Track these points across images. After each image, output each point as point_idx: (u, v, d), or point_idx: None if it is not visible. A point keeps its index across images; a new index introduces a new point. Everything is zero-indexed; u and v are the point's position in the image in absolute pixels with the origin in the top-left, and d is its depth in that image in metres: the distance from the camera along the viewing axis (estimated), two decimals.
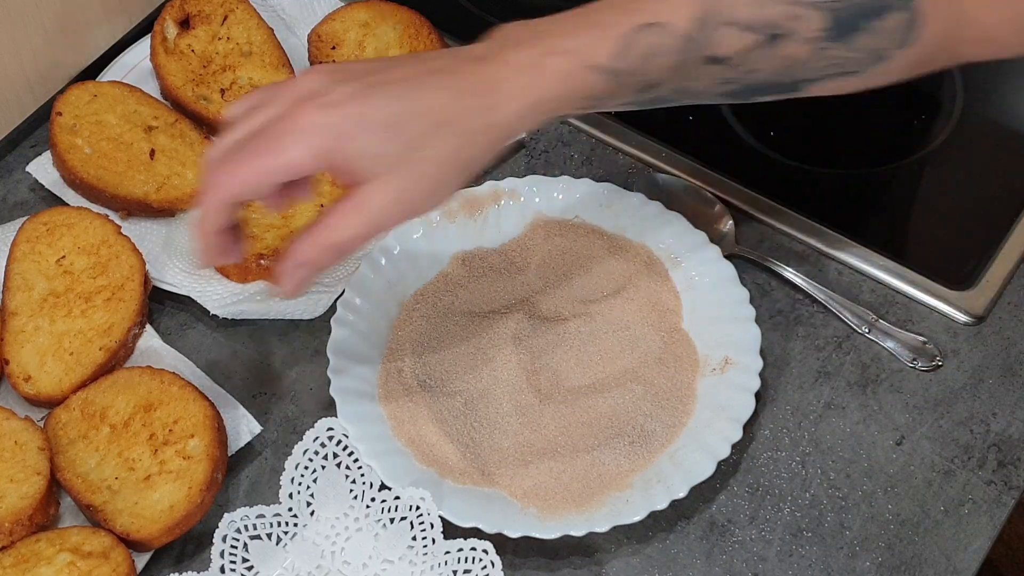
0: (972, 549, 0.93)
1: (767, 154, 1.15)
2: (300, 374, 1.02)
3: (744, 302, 1.00)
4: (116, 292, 1.01)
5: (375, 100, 0.77)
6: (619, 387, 0.97)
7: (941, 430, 0.98)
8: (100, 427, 0.95)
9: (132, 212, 1.08)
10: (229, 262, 0.95)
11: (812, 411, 0.99)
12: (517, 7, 1.28)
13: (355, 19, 1.19)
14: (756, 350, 0.98)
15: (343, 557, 0.92)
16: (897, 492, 0.95)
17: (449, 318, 1.02)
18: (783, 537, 0.93)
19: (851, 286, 1.06)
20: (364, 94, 0.77)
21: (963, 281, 1.05)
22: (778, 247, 1.08)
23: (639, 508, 0.91)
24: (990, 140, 1.18)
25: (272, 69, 1.16)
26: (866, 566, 0.92)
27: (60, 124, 1.10)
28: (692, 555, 0.93)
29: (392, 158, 0.77)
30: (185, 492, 0.91)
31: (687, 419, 0.96)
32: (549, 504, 0.92)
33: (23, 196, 1.13)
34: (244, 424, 0.97)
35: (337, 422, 0.95)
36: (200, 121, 1.14)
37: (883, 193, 1.15)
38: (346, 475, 0.94)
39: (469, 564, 0.90)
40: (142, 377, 0.97)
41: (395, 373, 0.99)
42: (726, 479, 0.96)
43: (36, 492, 0.91)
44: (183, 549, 0.94)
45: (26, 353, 0.99)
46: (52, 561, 0.89)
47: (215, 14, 1.18)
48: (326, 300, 1.04)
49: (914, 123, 1.18)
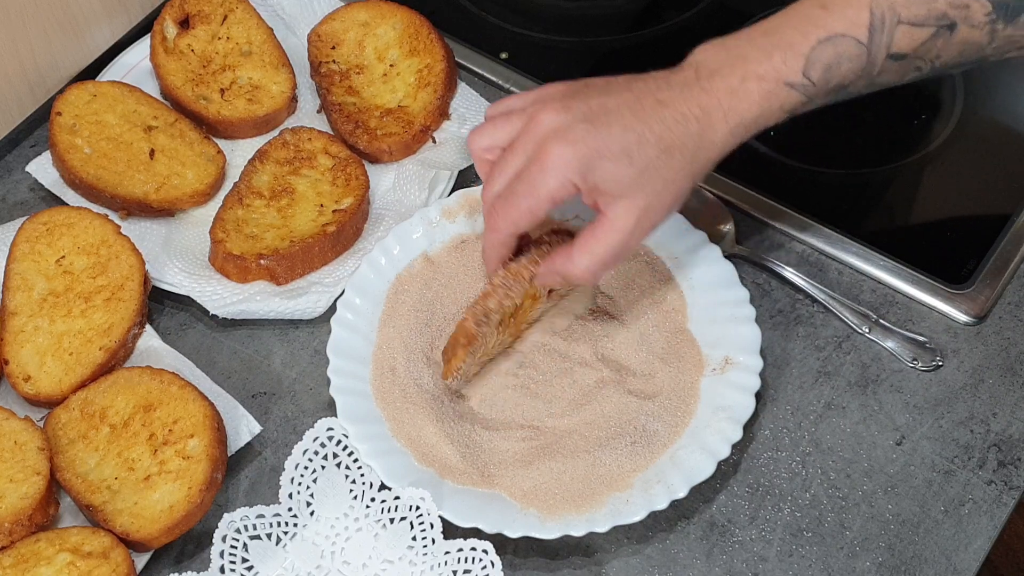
0: (972, 549, 0.93)
1: (767, 154, 1.15)
2: (300, 374, 1.02)
3: (744, 302, 1.00)
4: (116, 292, 1.01)
5: (612, 131, 0.88)
6: (622, 387, 0.97)
7: (941, 430, 0.98)
8: (100, 427, 0.95)
9: (132, 212, 1.08)
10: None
11: (812, 411, 0.99)
12: (517, 7, 1.29)
13: (355, 19, 1.19)
14: (756, 350, 0.98)
15: (343, 557, 0.92)
16: (897, 492, 0.95)
17: (438, 313, 1.02)
18: (783, 537, 0.93)
19: (851, 286, 1.06)
20: (600, 126, 0.88)
21: (963, 281, 1.05)
22: (778, 247, 1.08)
23: (639, 508, 0.91)
24: (990, 140, 1.18)
25: (272, 69, 1.16)
26: (866, 566, 0.92)
27: (60, 124, 1.10)
28: (692, 555, 0.93)
29: (630, 180, 0.88)
30: (185, 492, 0.91)
31: (689, 419, 0.96)
32: (549, 504, 0.92)
33: (23, 196, 1.13)
34: (244, 424, 0.97)
35: (337, 422, 0.95)
36: (200, 121, 1.14)
37: (883, 193, 1.15)
38: (346, 475, 0.94)
39: (469, 564, 0.90)
40: (142, 377, 0.97)
41: (388, 372, 0.99)
42: (726, 479, 0.96)
43: (36, 492, 0.91)
44: (183, 549, 0.94)
45: (26, 353, 0.99)
46: (52, 561, 0.88)
47: (215, 14, 1.18)
48: (326, 300, 1.04)
49: (914, 123, 1.18)
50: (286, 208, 1.08)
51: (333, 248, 1.06)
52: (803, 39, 0.89)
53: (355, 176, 1.09)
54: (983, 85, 1.20)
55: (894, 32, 0.88)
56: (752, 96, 0.89)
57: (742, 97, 0.89)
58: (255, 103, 1.15)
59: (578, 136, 0.87)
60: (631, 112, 0.89)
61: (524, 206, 0.89)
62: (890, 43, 0.89)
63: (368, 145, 1.12)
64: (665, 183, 0.89)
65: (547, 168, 0.88)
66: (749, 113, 0.90)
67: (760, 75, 0.89)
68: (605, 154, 0.87)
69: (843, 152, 1.16)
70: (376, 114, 1.14)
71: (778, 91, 0.90)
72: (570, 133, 0.88)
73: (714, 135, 0.89)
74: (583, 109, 0.89)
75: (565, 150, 0.87)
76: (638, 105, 0.89)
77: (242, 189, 1.09)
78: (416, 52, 1.17)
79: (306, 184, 1.09)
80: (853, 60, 0.89)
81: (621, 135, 0.88)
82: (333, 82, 1.16)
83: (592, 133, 0.87)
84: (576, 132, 0.88)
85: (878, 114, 1.18)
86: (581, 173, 0.87)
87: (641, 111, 0.89)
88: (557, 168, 0.87)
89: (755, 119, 0.90)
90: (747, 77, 0.89)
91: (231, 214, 1.07)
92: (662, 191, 0.89)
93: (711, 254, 1.03)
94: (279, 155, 1.11)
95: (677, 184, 0.90)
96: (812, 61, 0.89)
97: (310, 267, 1.06)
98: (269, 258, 1.04)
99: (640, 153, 0.88)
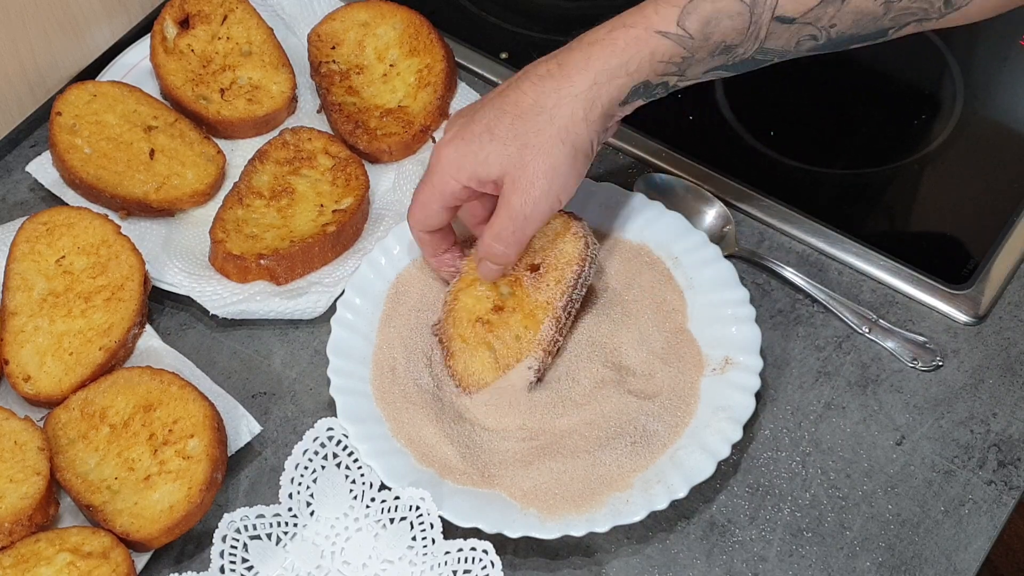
0: (972, 549, 0.93)
1: (767, 154, 1.15)
2: (300, 374, 1.02)
3: (744, 302, 1.00)
4: (116, 292, 1.01)
5: (476, 116, 0.93)
6: (622, 387, 0.97)
7: (941, 430, 0.98)
8: (100, 427, 0.95)
9: (132, 212, 1.08)
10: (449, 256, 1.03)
11: (812, 411, 0.99)
12: (517, 7, 1.29)
13: (355, 19, 1.19)
14: (756, 350, 0.98)
15: (343, 557, 0.92)
16: (897, 492, 0.95)
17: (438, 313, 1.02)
18: (783, 537, 0.93)
19: (851, 286, 1.06)
20: (470, 117, 0.93)
21: (963, 281, 1.05)
22: (778, 247, 1.08)
23: (639, 508, 0.91)
24: (990, 140, 1.18)
25: (272, 69, 1.16)
26: (866, 566, 0.92)
27: (60, 124, 1.10)
28: (692, 555, 0.93)
29: (498, 156, 0.91)
30: (185, 492, 0.91)
31: (689, 419, 0.96)
32: (549, 504, 0.92)
33: (23, 196, 1.13)
34: (244, 424, 0.97)
35: (337, 422, 0.95)
36: (200, 121, 1.14)
37: (883, 193, 1.15)
38: (346, 475, 0.94)
39: (469, 564, 0.90)
40: (142, 377, 0.97)
41: (388, 372, 0.99)
42: (726, 479, 0.96)
43: (36, 492, 0.91)
44: (183, 549, 0.94)
45: (26, 353, 0.99)
46: (52, 561, 0.88)
47: (215, 14, 1.18)
48: (326, 300, 1.04)
49: (914, 123, 1.18)
50: (286, 208, 1.08)
51: (333, 248, 1.06)
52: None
53: (355, 176, 1.09)
54: (983, 85, 1.20)
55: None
56: (617, 43, 0.89)
57: (606, 45, 0.89)
58: (255, 103, 1.15)
59: (453, 131, 0.94)
60: (498, 92, 0.93)
61: (419, 199, 0.96)
62: (775, 5, 0.87)
63: (368, 145, 1.12)
64: (532, 150, 0.90)
65: (431, 168, 0.94)
66: (613, 59, 0.89)
67: (628, 24, 0.89)
68: (470, 139, 0.92)
69: (843, 152, 1.16)
70: (376, 114, 1.14)
71: (646, 37, 0.89)
72: (450, 131, 0.94)
73: (572, 87, 0.90)
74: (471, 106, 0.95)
75: (443, 148, 0.93)
76: (507, 84, 0.93)
77: (242, 189, 1.09)
78: (416, 52, 1.17)
79: (306, 184, 1.09)
80: (734, 18, 0.87)
81: (483, 116, 0.92)
82: (333, 82, 1.16)
83: (465, 124, 0.93)
84: (453, 128, 0.94)
85: (878, 114, 1.18)
86: (456, 165, 0.93)
87: (507, 88, 0.93)
88: (437, 166, 0.94)
89: (621, 65, 0.89)
90: (614, 27, 0.90)
91: (231, 214, 1.07)
92: (531, 159, 0.90)
93: (711, 254, 1.03)
94: (279, 155, 1.11)
95: (545, 149, 0.90)
96: (688, 12, 0.87)
97: (310, 267, 1.06)
98: (269, 258, 1.04)
99: (498, 126, 0.91)
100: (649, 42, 0.89)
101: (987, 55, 1.23)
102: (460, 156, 0.92)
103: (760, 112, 1.17)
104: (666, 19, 0.88)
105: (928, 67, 1.22)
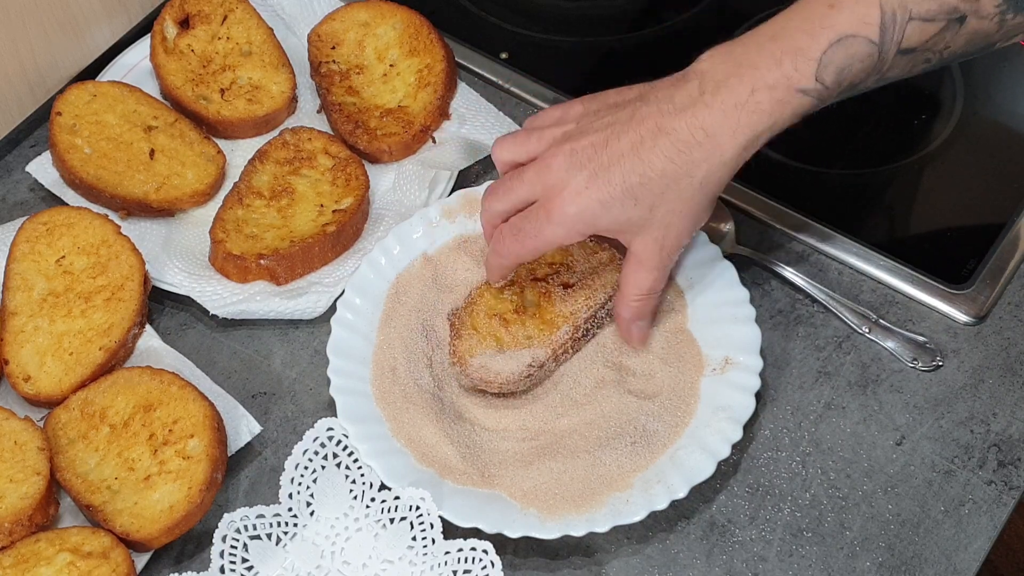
0: (972, 549, 0.93)
1: (767, 154, 1.15)
2: (300, 374, 1.02)
3: (744, 302, 1.00)
4: (116, 292, 1.01)
5: (612, 180, 0.90)
6: (622, 387, 0.97)
7: (941, 430, 0.98)
8: (100, 427, 0.95)
9: (132, 212, 1.08)
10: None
11: (812, 411, 0.99)
12: (517, 7, 1.29)
13: (355, 19, 1.19)
14: (756, 350, 0.98)
15: (343, 557, 0.92)
16: (897, 492, 0.95)
17: (438, 313, 1.02)
18: (783, 537, 0.93)
19: (851, 286, 1.06)
20: (601, 177, 0.90)
21: (963, 281, 1.05)
22: (778, 247, 1.08)
23: (639, 508, 0.91)
24: (990, 140, 1.18)
25: (272, 69, 1.16)
26: (866, 566, 0.92)
27: (60, 124, 1.10)
28: (692, 555, 0.93)
29: (639, 219, 0.91)
30: (185, 492, 0.91)
31: (689, 419, 0.96)
32: (549, 504, 0.92)
33: (23, 196, 1.13)
34: (244, 424, 0.97)
35: (337, 422, 0.95)
36: (200, 121, 1.14)
37: (883, 193, 1.15)
38: (346, 475, 0.94)
39: (469, 564, 0.90)
40: (142, 377, 0.97)
41: (388, 372, 0.99)
42: (726, 479, 0.96)
43: (36, 492, 0.91)
44: (183, 549, 0.94)
45: (26, 353, 0.99)
46: (52, 561, 0.88)
47: (215, 14, 1.18)
48: (326, 300, 1.04)
49: (914, 123, 1.18)
50: (286, 208, 1.08)
51: (333, 248, 1.06)
52: (813, 42, 0.86)
53: (355, 176, 1.09)
54: (983, 85, 1.20)
55: (905, 28, 0.86)
56: (763, 107, 0.87)
57: (752, 110, 0.87)
58: (255, 103, 1.15)
59: (580, 189, 0.90)
60: (632, 151, 0.89)
61: (530, 246, 0.93)
62: (901, 39, 0.86)
63: (368, 145, 1.12)
64: (678, 213, 0.91)
65: (554, 221, 0.91)
66: (760, 125, 0.88)
67: (770, 85, 0.87)
68: (609, 203, 0.90)
69: (843, 152, 1.16)
70: (376, 114, 1.14)
71: (790, 99, 0.88)
72: (571, 188, 0.90)
73: (723, 155, 0.89)
74: (588, 156, 0.91)
75: (569, 208, 0.91)
76: (639, 141, 0.89)
77: (242, 189, 1.09)
78: (416, 52, 1.17)
79: (306, 184, 1.09)
80: (865, 60, 0.87)
81: (622, 180, 0.89)
82: (333, 82, 1.16)
83: (595, 185, 0.90)
84: (577, 185, 0.90)
85: (878, 114, 1.18)
86: (587, 223, 0.91)
87: (642, 147, 0.89)
88: (563, 223, 0.91)
89: (767, 129, 0.89)
90: (757, 88, 0.87)
91: (231, 214, 1.07)
92: (676, 220, 0.91)
93: (711, 254, 1.03)
94: (279, 155, 1.11)
95: (690, 209, 0.91)
96: (824, 64, 0.86)
97: (310, 267, 1.06)
98: (269, 258, 1.04)
99: (644, 192, 0.89)
100: (792, 101, 0.88)
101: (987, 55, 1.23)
102: (593, 216, 0.91)
103: None
104: (805, 75, 0.87)
105: None
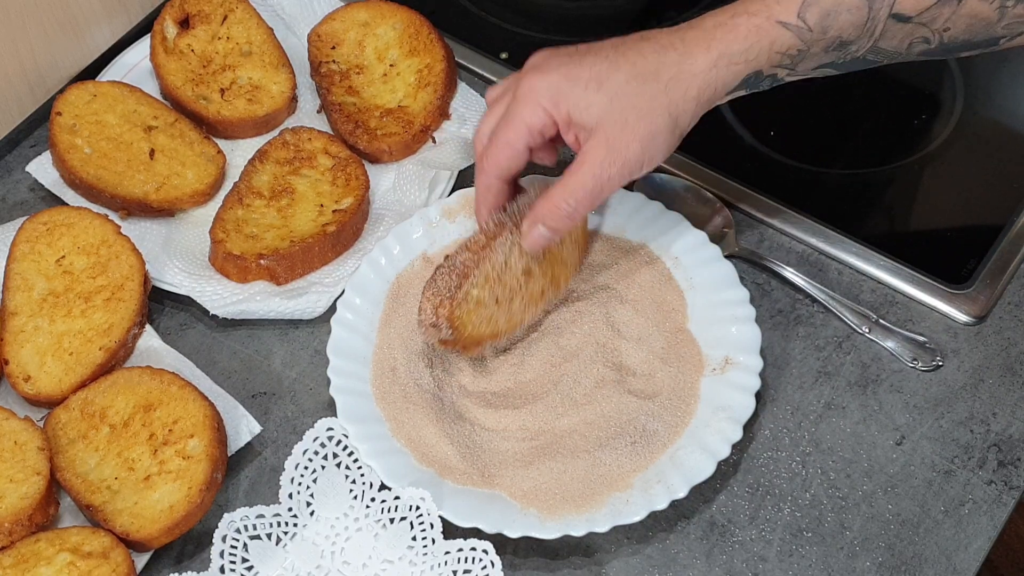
0: (972, 549, 0.93)
1: (767, 154, 1.15)
2: (300, 374, 1.02)
3: (744, 302, 1.00)
4: (116, 292, 1.01)
5: (584, 62, 0.90)
6: (622, 387, 0.97)
7: (941, 430, 0.98)
8: (100, 427, 0.95)
9: (132, 212, 1.08)
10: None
11: (812, 411, 0.99)
12: (517, 7, 1.29)
13: (355, 19, 1.19)
14: (756, 350, 0.98)
15: (343, 557, 0.92)
16: (897, 492, 0.95)
17: None
18: (783, 537, 0.93)
19: (851, 286, 1.06)
20: (575, 61, 0.90)
21: (963, 281, 1.05)
22: (778, 247, 1.08)
23: (639, 508, 0.91)
24: (990, 140, 1.18)
25: (272, 69, 1.16)
26: (866, 566, 0.92)
27: (60, 124, 1.10)
28: (692, 555, 0.93)
29: (600, 107, 0.89)
30: (185, 492, 0.91)
31: (689, 419, 0.96)
32: (549, 504, 0.92)
33: (23, 196, 1.13)
34: (244, 424, 0.97)
35: (337, 422, 0.95)
36: (200, 121, 1.14)
37: (883, 193, 1.15)
38: (346, 475, 0.94)
39: (469, 564, 0.90)
40: (142, 377, 0.97)
41: (388, 372, 0.99)
42: (726, 479, 0.96)
43: (36, 492, 0.91)
44: (183, 549, 0.94)
45: (26, 353, 0.99)
46: (52, 561, 0.88)
47: (215, 14, 1.18)
48: (326, 300, 1.04)
49: (914, 123, 1.18)
50: (286, 208, 1.08)
51: (333, 248, 1.06)
52: None
53: (355, 176, 1.09)
54: (983, 85, 1.20)
55: None
56: (739, 29, 0.89)
57: (729, 29, 0.89)
58: (255, 103, 1.15)
59: (552, 67, 0.91)
60: (611, 47, 0.91)
61: (503, 140, 0.92)
62: (893, 2, 0.87)
63: (368, 145, 1.12)
64: (637, 112, 0.89)
65: (520, 98, 0.91)
66: (735, 44, 0.89)
67: (751, 11, 0.89)
68: (575, 80, 0.89)
69: (843, 152, 1.16)
70: (376, 114, 1.14)
71: (768, 27, 0.88)
72: (546, 66, 0.91)
73: (693, 64, 0.89)
74: (568, 52, 0.92)
75: (537, 79, 0.90)
76: (620, 41, 0.91)
77: (242, 189, 1.09)
78: (416, 52, 1.17)
79: (306, 184, 1.09)
80: (852, 12, 0.88)
81: (593, 63, 0.90)
82: (333, 82, 1.16)
83: (566, 64, 0.90)
84: (551, 64, 0.91)
85: (878, 114, 1.18)
86: (552, 99, 0.90)
87: (621, 45, 0.91)
88: (530, 96, 0.90)
89: (741, 52, 0.89)
90: (737, 13, 0.89)
91: (231, 214, 1.07)
92: (634, 121, 0.89)
93: (711, 254, 1.03)
94: (279, 155, 1.11)
95: (651, 115, 0.89)
96: (809, 4, 0.87)
97: (310, 267, 1.06)
98: (269, 258, 1.04)
99: (610, 79, 0.89)
100: (770, 32, 0.89)
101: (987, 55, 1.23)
102: (558, 92, 0.90)
103: (760, 112, 1.17)
104: (788, 9, 0.88)
105: (928, 67, 1.22)
